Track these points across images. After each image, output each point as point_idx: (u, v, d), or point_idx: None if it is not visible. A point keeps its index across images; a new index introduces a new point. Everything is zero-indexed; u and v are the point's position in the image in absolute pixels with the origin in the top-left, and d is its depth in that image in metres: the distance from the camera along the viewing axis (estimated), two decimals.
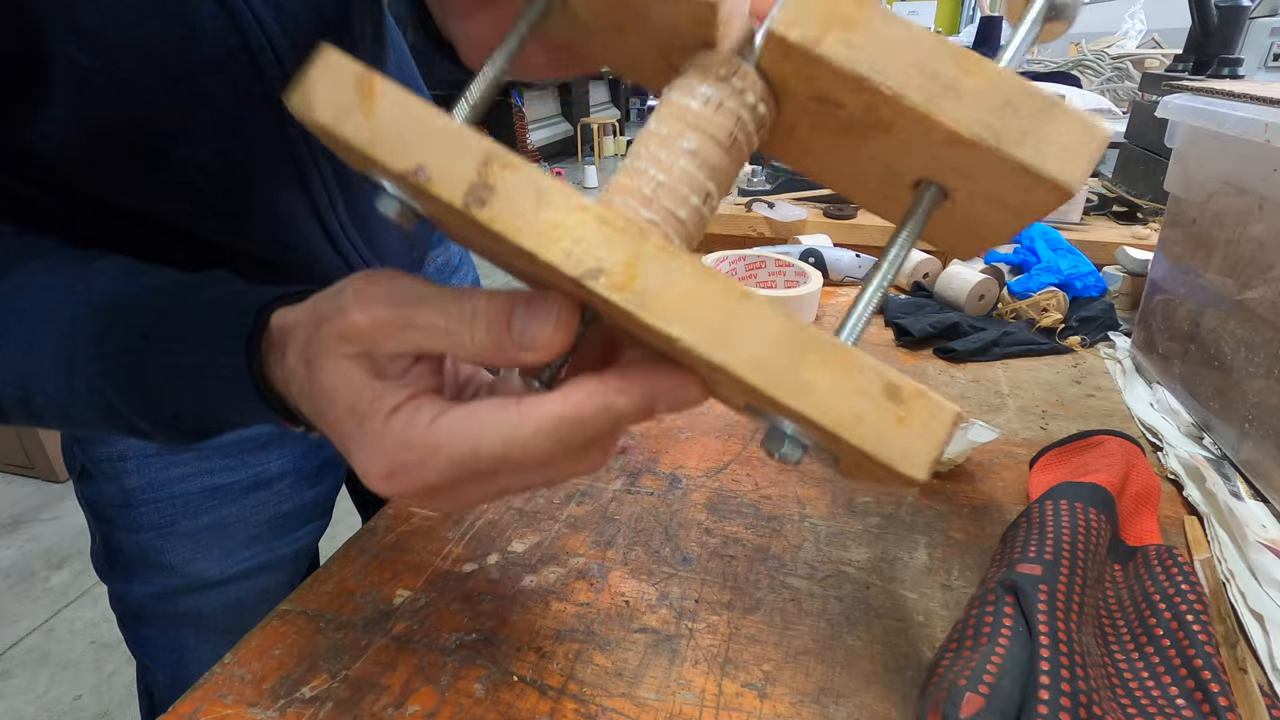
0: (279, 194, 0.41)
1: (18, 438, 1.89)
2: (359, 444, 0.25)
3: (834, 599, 0.33)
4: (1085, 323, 0.64)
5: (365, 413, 0.24)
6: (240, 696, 0.28)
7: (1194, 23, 0.91)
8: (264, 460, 0.52)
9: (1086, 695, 0.24)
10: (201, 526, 0.51)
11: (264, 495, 0.53)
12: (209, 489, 0.51)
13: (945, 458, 0.42)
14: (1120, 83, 1.65)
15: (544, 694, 0.29)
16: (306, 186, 0.42)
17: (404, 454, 0.24)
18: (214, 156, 0.37)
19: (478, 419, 0.23)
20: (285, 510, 0.54)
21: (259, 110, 0.37)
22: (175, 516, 0.50)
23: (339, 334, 0.24)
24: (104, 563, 0.53)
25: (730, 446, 0.46)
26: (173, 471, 0.49)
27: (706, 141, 0.22)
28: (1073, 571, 0.29)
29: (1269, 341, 0.41)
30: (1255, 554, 0.35)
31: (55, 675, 1.37)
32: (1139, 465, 0.39)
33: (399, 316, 0.23)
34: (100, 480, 0.50)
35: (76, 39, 0.30)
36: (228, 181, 0.39)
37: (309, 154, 0.41)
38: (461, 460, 0.23)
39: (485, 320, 0.23)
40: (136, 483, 0.49)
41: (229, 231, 0.41)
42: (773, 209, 0.86)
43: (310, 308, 0.27)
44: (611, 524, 0.38)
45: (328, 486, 0.58)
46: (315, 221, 0.43)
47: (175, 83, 0.34)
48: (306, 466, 0.54)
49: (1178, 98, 0.53)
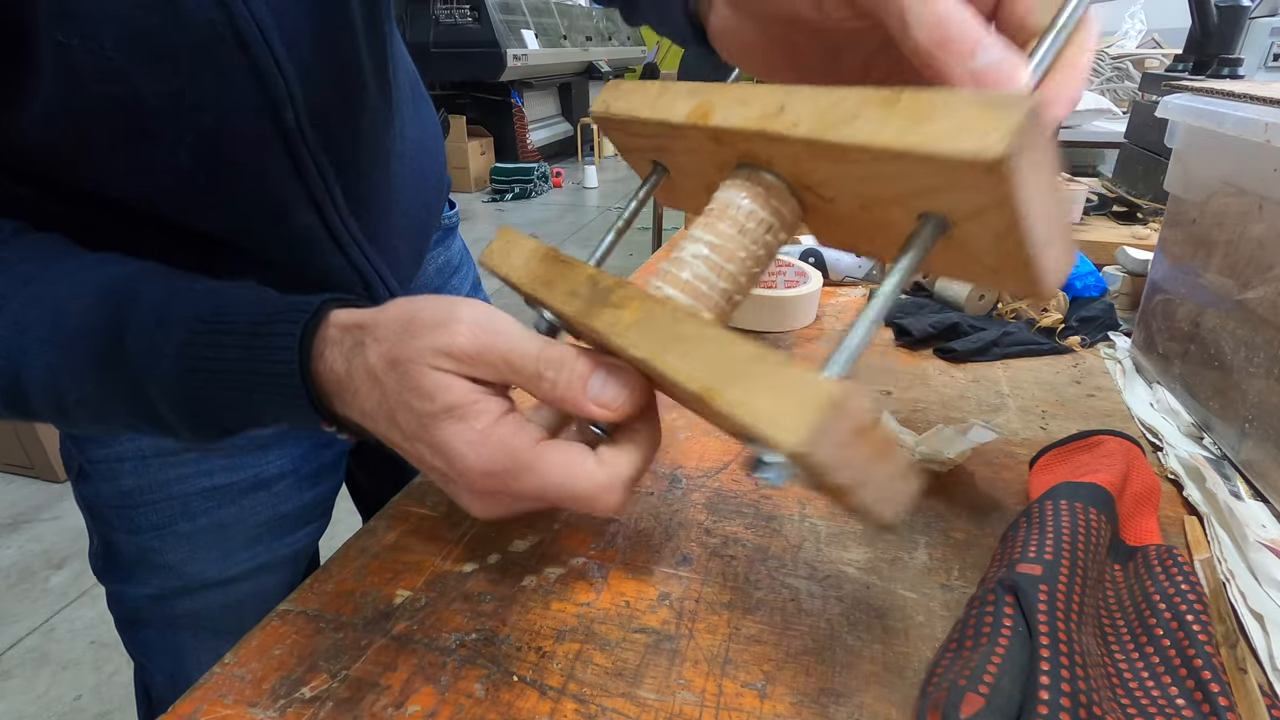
0: (274, 182, 0.40)
1: (17, 438, 1.89)
2: (457, 436, 0.28)
3: (834, 599, 0.33)
4: (1085, 323, 0.64)
5: (470, 412, 0.28)
6: (240, 696, 0.28)
7: (1194, 23, 0.91)
8: (263, 461, 0.52)
9: (1086, 695, 0.24)
10: (200, 528, 0.51)
11: (263, 496, 0.52)
12: (208, 490, 0.50)
13: (945, 457, 0.42)
14: (1120, 83, 1.65)
15: (544, 694, 0.29)
16: (304, 176, 0.41)
17: (505, 458, 0.28)
18: (201, 139, 0.37)
19: (576, 463, 0.28)
20: (284, 511, 0.54)
21: (247, 91, 0.37)
22: (173, 517, 0.50)
23: (441, 349, 0.28)
24: (102, 564, 0.53)
25: (730, 446, 0.46)
26: (171, 472, 0.49)
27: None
28: (1073, 571, 0.29)
29: (1269, 341, 0.41)
30: (1255, 554, 0.35)
31: (55, 675, 1.37)
32: (1139, 465, 0.39)
33: (501, 354, 0.28)
34: (98, 481, 0.49)
35: (60, 16, 0.30)
36: (218, 164, 0.38)
37: (304, 143, 0.40)
38: (550, 488, 0.28)
39: (571, 374, 0.28)
40: (134, 484, 0.49)
41: (227, 225, 0.40)
42: None
43: (400, 313, 0.30)
44: (611, 524, 0.38)
45: (327, 487, 0.58)
46: (314, 212, 0.43)
47: (159, 61, 0.33)
48: (305, 468, 0.54)
49: (1178, 98, 0.53)
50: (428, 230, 0.58)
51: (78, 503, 0.53)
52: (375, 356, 0.30)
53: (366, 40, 0.42)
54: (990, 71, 0.23)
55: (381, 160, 0.47)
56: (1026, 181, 0.21)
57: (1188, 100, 0.51)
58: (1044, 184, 0.21)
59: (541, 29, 5.77)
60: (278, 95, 0.37)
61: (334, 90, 0.41)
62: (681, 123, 0.28)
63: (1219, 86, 0.50)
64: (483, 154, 5.37)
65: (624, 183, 5.78)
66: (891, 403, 0.52)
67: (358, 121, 0.43)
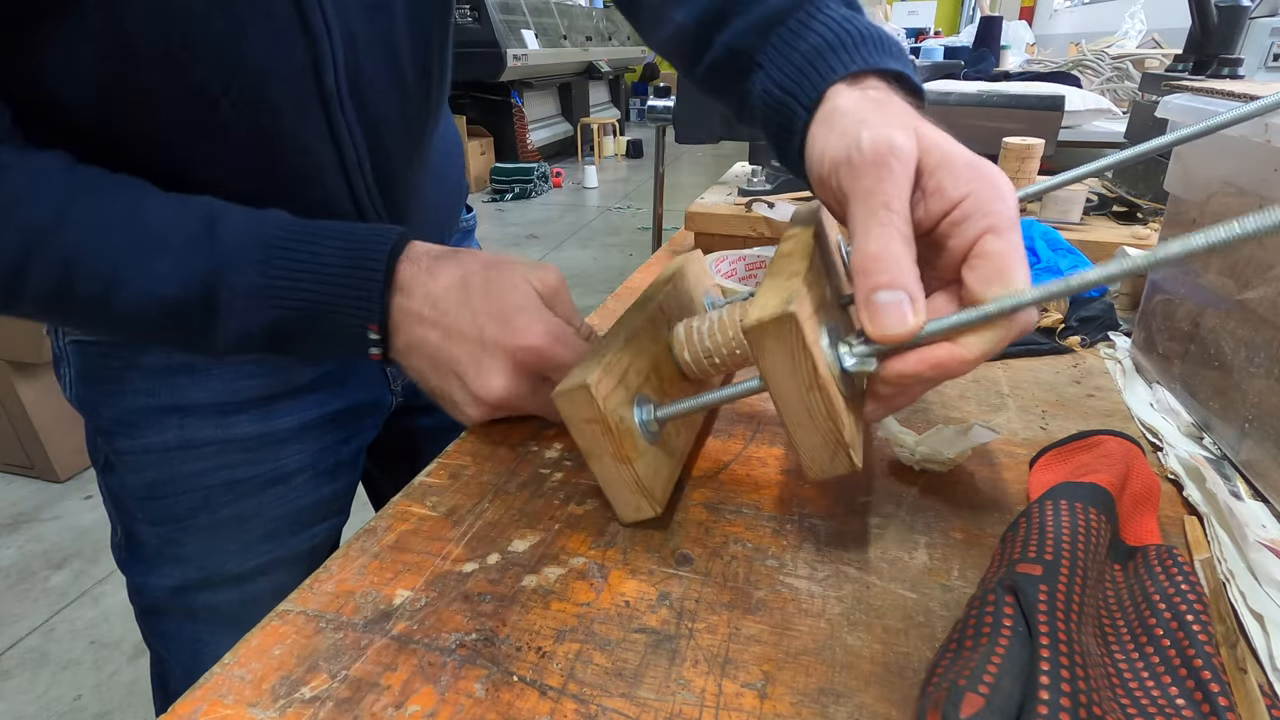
0: (309, 142, 0.42)
1: (17, 438, 1.89)
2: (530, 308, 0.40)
3: (834, 599, 0.33)
4: (1085, 323, 0.64)
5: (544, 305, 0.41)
6: (240, 696, 0.28)
7: (1194, 23, 0.91)
8: (281, 455, 0.53)
9: (1086, 695, 0.24)
10: (220, 520, 0.52)
11: (281, 490, 0.53)
12: (228, 483, 0.52)
13: (945, 458, 0.42)
14: (1120, 83, 1.65)
15: (544, 694, 0.29)
16: (338, 143, 0.43)
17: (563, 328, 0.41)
18: (245, 93, 0.38)
19: None
20: (301, 505, 0.55)
21: (295, 46, 0.38)
22: (195, 509, 0.51)
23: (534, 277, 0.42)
24: (125, 554, 0.54)
25: (730, 446, 0.46)
26: (194, 465, 0.51)
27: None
28: (1073, 571, 0.29)
29: (1269, 341, 0.41)
30: (1255, 554, 0.35)
31: (55, 675, 1.37)
32: (1139, 465, 0.39)
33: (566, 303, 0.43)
34: (124, 472, 0.51)
35: None
36: (258, 121, 0.39)
37: (341, 110, 0.42)
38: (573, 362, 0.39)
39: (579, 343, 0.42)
40: (158, 475, 0.50)
41: (261, 187, 0.41)
42: (773, 209, 0.86)
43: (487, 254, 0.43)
44: (611, 524, 0.38)
45: (344, 483, 0.58)
46: (343, 180, 0.45)
47: (210, 5, 0.34)
48: (323, 464, 0.55)
49: (1178, 98, 0.53)
50: (444, 229, 0.59)
51: (102, 493, 0.54)
52: (469, 258, 0.40)
53: (408, 29, 0.44)
54: (881, 309, 0.28)
55: (411, 149, 0.50)
56: (776, 363, 0.30)
57: (1188, 100, 0.51)
58: (792, 373, 0.30)
59: (541, 29, 5.77)
60: (321, 54, 0.39)
61: (374, 66, 0.42)
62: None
63: (1219, 86, 0.50)
64: (483, 154, 5.37)
65: (624, 183, 5.78)
66: None
67: (392, 103, 0.45)
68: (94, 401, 0.50)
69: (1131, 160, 0.39)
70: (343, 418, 0.56)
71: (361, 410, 0.57)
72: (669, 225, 2.63)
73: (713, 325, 0.42)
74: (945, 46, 2.40)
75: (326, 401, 0.54)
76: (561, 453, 0.45)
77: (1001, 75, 1.76)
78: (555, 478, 0.43)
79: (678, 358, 0.42)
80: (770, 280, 0.34)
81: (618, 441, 0.35)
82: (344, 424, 0.56)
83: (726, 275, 0.69)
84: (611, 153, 6.78)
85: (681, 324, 0.43)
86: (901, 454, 0.43)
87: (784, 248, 0.41)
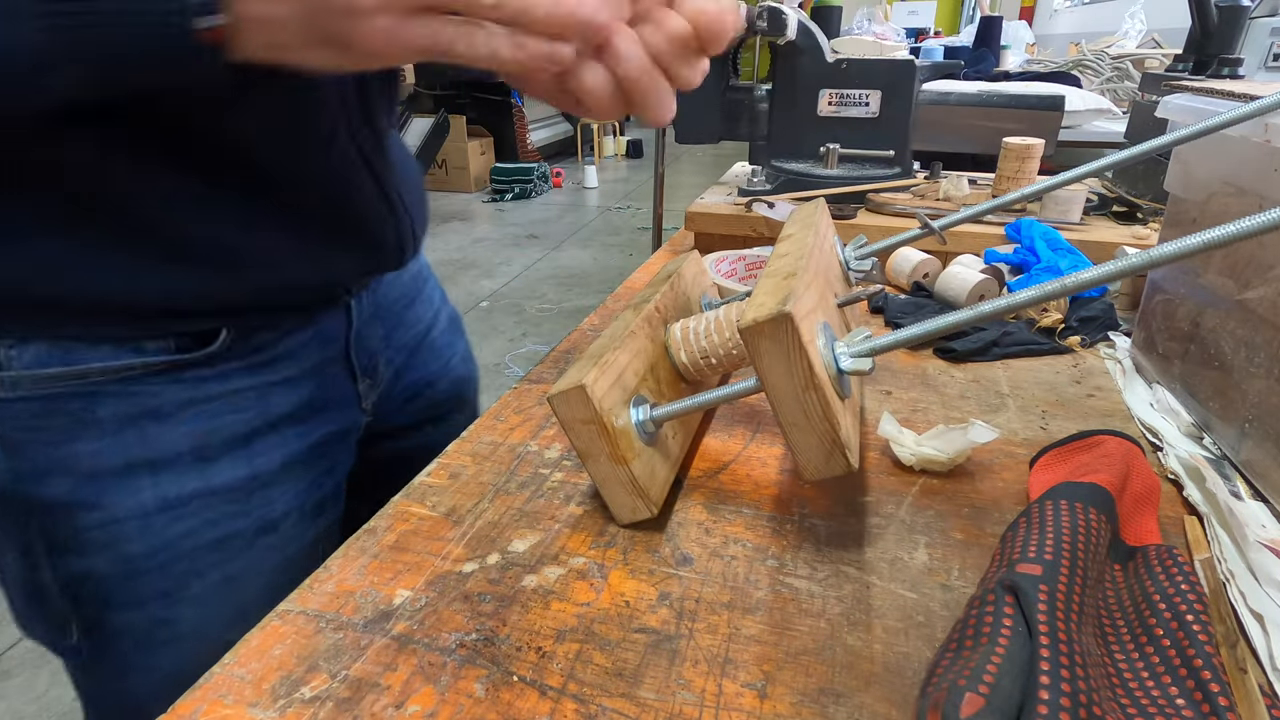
0: (323, 105, 0.43)
1: None
2: None
3: (834, 599, 0.33)
4: (1085, 323, 0.64)
5: None
6: (240, 696, 0.28)
7: (1194, 23, 0.91)
8: (269, 500, 0.50)
9: (1086, 695, 0.24)
10: (210, 585, 0.47)
11: (271, 540, 0.50)
12: (216, 540, 0.47)
13: (945, 457, 0.42)
14: (1120, 83, 1.65)
15: (544, 694, 0.29)
16: (345, 105, 0.45)
17: None
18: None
19: None
20: (290, 555, 0.52)
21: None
22: (185, 577, 0.46)
23: None
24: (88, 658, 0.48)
25: (730, 446, 0.46)
26: (178, 527, 0.45)
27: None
28: (1073, 571, 0.29)
29: (1269, 341, 0.41)
30: (1255, 554, 0.35)
31: (55, 675, 1.37)
32: (1139, 465, 0.39)
33: None
34: (91, 555, 0.44)
35: None
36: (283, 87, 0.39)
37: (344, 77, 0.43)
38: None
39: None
40: (140, 548, 0.44)
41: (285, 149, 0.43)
42: (773, 209, 0.86)
43: None
44: (611, 524, 0.38)
45: (327, 520, 0.55)
46: (351, 142, 0.46)
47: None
48: (309, 502, 0.53)
49: (1178, 98, 0.53)
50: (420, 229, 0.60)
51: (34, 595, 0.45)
52: None
53: None
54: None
55: (389, 138, 0.51)
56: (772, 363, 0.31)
57: (1188, 100, 0.51)
58: (788, 373, 0.31)
59: None
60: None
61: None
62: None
63: (1219, 86, 0.50)
64: (483, 154, 5.37)
65: (624, 183, 5.78)
66: (891, 402, 0.52)
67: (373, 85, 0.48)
68: (32, 476, 0.42)
69: (1131, 160, 0.39)
70: (323, 448, 0.53)
71: (339, 437, 0.55)
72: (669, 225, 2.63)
73: (709, 326, 0.42)
74: (945, 46, 2.40)
75: (306, 433, 0.51)
76: (561, 453, 0.45)
77: (1001, 75, 1.76)
78: (555, 478, 0.43)
79: (674, 358, 0.42)
80: (766, 280, 0.34)
81: (614, 442, 0.35)
82: (326, 453, 0.54)
83: (727, 275, 0.69)
84: (611, 153, 6.78)
85: (678, 324, 0.43)
86: (901, 454, 0.43)
87: (781, 248, 0.41)
